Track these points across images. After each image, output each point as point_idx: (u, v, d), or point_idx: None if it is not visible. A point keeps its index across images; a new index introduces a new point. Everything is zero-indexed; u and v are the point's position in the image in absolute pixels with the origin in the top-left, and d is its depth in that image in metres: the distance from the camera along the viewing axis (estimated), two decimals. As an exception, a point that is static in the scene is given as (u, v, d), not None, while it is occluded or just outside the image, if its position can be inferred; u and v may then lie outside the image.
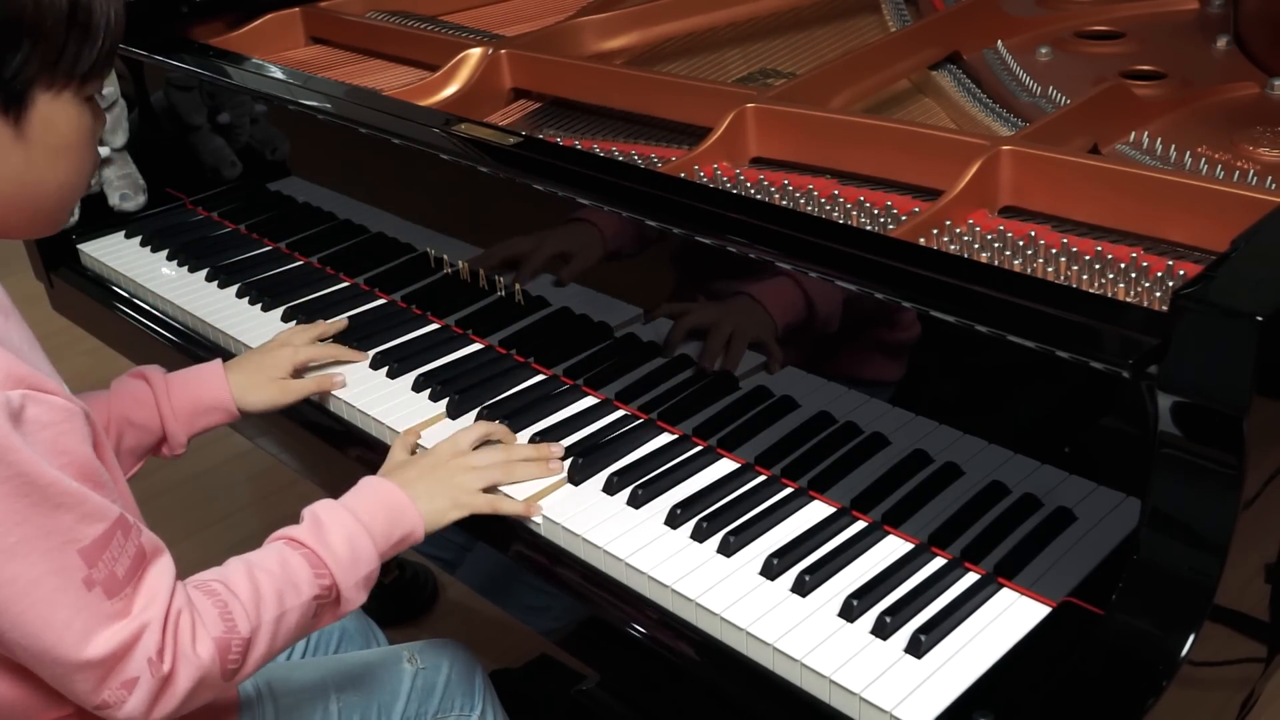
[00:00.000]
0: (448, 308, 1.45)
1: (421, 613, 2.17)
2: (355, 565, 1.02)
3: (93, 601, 0.85)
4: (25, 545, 0.83)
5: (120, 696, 0.87)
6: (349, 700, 1.18)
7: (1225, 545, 0.83)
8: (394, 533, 1.06)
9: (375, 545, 1.04)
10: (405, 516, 1.08)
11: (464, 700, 1.25)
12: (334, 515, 1.04)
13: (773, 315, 1.10)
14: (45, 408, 0.86)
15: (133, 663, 0.87)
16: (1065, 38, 1.63)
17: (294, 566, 0.99)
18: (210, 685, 0.92)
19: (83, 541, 0.85)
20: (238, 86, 1.63)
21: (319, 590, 0.99)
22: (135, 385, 1.26)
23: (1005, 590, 0.98)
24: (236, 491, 2.55)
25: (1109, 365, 0.87)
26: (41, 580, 0.84)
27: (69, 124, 0.94)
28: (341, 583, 1.01)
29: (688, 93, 1.45)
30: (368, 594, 1.04)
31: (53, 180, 0.95)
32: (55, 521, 0.84)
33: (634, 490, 1.12)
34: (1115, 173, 1.13)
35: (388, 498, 1.08)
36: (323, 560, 1.00)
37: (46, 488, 0.83)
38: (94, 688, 0.86)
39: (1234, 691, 0.94)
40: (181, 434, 1.27)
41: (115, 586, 0.87)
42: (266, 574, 0.97)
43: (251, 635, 0.94)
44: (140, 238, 1.78)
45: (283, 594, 0.96)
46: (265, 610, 0.95)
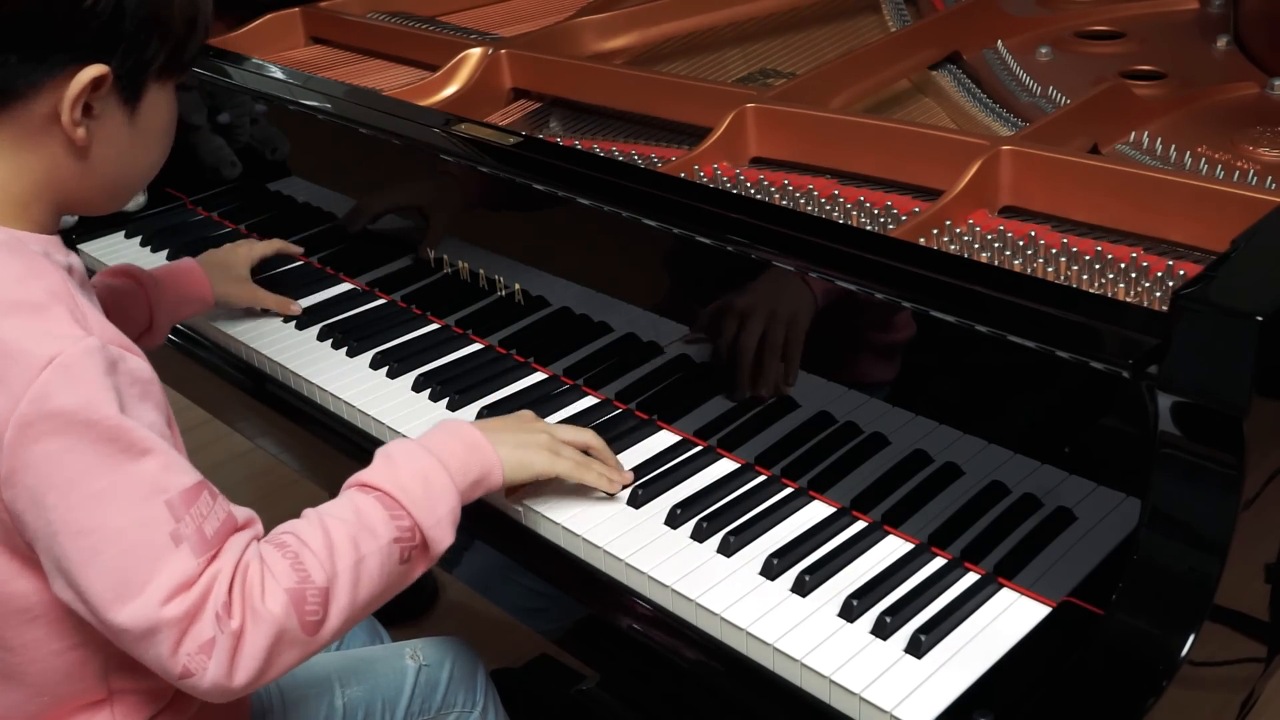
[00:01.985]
0: (448, 308, 1.45)
1: (422, 613, 2.17)
2: (432, 503, 0.98)
3: (180, 558, 0.84)
4: (112, 491, 0.83)
5: (200, 663, 0.84)
6: (354, 695, 1.19)
7: (1225, 545, 0.83)
8: (471, 470, 1.02)
9: (453, 480, 1.00)
10: (484, 455, 1.04)
11: (466, 697, 1.25)
12: (407, 453, 1.01)
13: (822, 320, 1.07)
14: (136, 366, 0.88)
15: (204, 621, 0.84)
16: (1065, 38, 1.63)
17: (367, 511, 0.95)
18: (293, 641, 0.88)
19: (169, 493, 0.85)
20: (238, 86, 1.63)
21: (397, 532, 0.95)
22: (125, 283, 1.34)
23: (1005, 590, 0.98)
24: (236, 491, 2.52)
25: (1109, 365, 0.87)
26: (126, 531, 0.83)
27: (169, 110, 0.99)
28: (422, 522, 0.97)
29: (688, 93, 1.45)
30: (454, 533, 0.99)
31: (146, 161, 1.00)
32: (142, 468, 0.84)
33: (634, 490, 1.12)
34: (1115, 173, 1.13)
35: (465, 436, 1.04)
36: (397, 500, 0.97)
37: (130, 433, 0.84)
38: (172, 650, 0.84)
39: (1234, 691, 0.94)
40: (166, 324, 1.37)
41: (203, 545, 0.85)
42: (339, 521, 0.94)
43: (328, 584, 0.90)
44: (140, 238, 1.78)
45: (358, 540, 0.93)
46: (340, 557, 0.91)
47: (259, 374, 1.42)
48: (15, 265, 0.88)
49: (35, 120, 0.90)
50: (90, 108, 0.91)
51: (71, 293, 0.88)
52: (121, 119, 0.94)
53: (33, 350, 0.83)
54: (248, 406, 1.47)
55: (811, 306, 1.07)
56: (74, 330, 0.85)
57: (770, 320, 1.11)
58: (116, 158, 0.96)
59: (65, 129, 0.90)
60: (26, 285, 0.87)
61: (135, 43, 0.91)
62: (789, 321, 1.09)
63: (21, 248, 0.90)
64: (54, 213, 0.96)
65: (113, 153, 0.95)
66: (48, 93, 0.89)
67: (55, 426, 0.82)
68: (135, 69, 0.92)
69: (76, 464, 0.83)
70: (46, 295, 0.86)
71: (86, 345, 0.84)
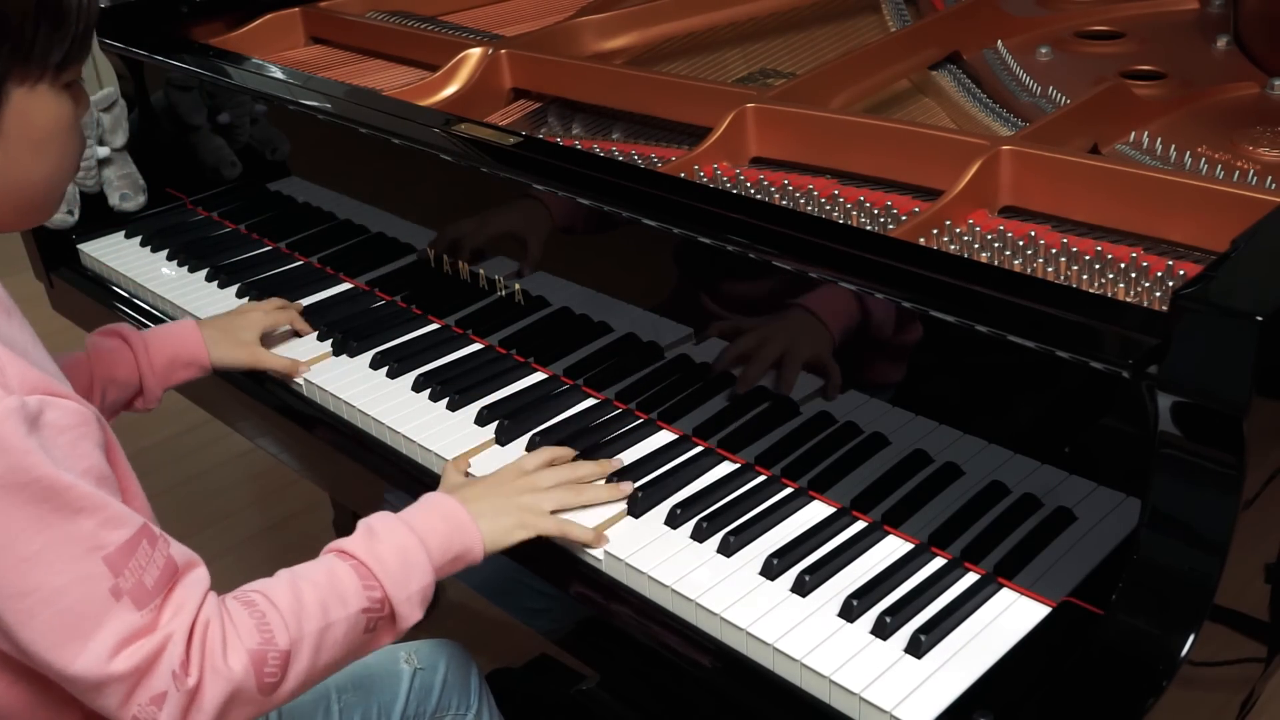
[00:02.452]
0: (448, 308, 1.45)
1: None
2: (407, 578, 0.97)
3: (121, 612, 0.83)
4: (48, 553, 0.81)
5: (150, 713, 0.83)
6: (350, 701, 1.19)
7: (1225, 545, 0.83)
8: (451, 548, 1.01)
9: (430, 559, 0.99)
10: (463, 532, 1.03)
11: (460, 699, 1.25)
12: (387, 526, 1.00)
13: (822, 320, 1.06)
14: (61, 412, 0.84)
15: (158, 677, 0.83)
16: (1065, 38, 1.63)
17: (341, 577, 0.94)
18: (247, 700, 0.88)
19: (107, 548, 0.83)
20: (238, 86, 1.63)
21: (368, 603, 0.94)
22: (113, 343, 1.29)
23: (1005, 590, 0.98)
24: (236, 491, 2.55)
25: (1109, 365, 0.87)
26: (66, 590, 0.81)
27: (47, 116, 0.91)
28: (393, 596, 0.96)
29: (688, 93, 1.45)
30: (424, 610, 0.99)
31: (38, 173, 0.92)
32: (77, 527, 0.82)
33: (634, 491, 1.12)
34: (1115, 173, 1.13)
35: (446, 511, 1.03)
36: (372, 572, 0.96)
37: (65, 492, 0.81)
38: (121, 702, 0.83)
39: (1234, 691, 0.94)
40: (158, 389, 1.31)
41: (144, 597, 0.84)
42: (311, 584, 0.93)
43: (291, 648, 0.89)
44: (140, 238, 1.78)
45: (327, 605, 0.92)
46: (307, 622, 0.90)
47: (259, 374, 1.42)
48: None
49: None
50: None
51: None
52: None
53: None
54: (248, 406, 1.47)
55: (811, 307, 1.07)
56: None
57: (770, 320, 1.11)
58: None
59: None
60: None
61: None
62: (788, 321, 1.09)
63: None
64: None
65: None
66: None
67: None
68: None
69: (8, 528, 0.80)
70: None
71: (4, 407, 0.80)
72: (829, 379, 1.08)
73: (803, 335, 1.08)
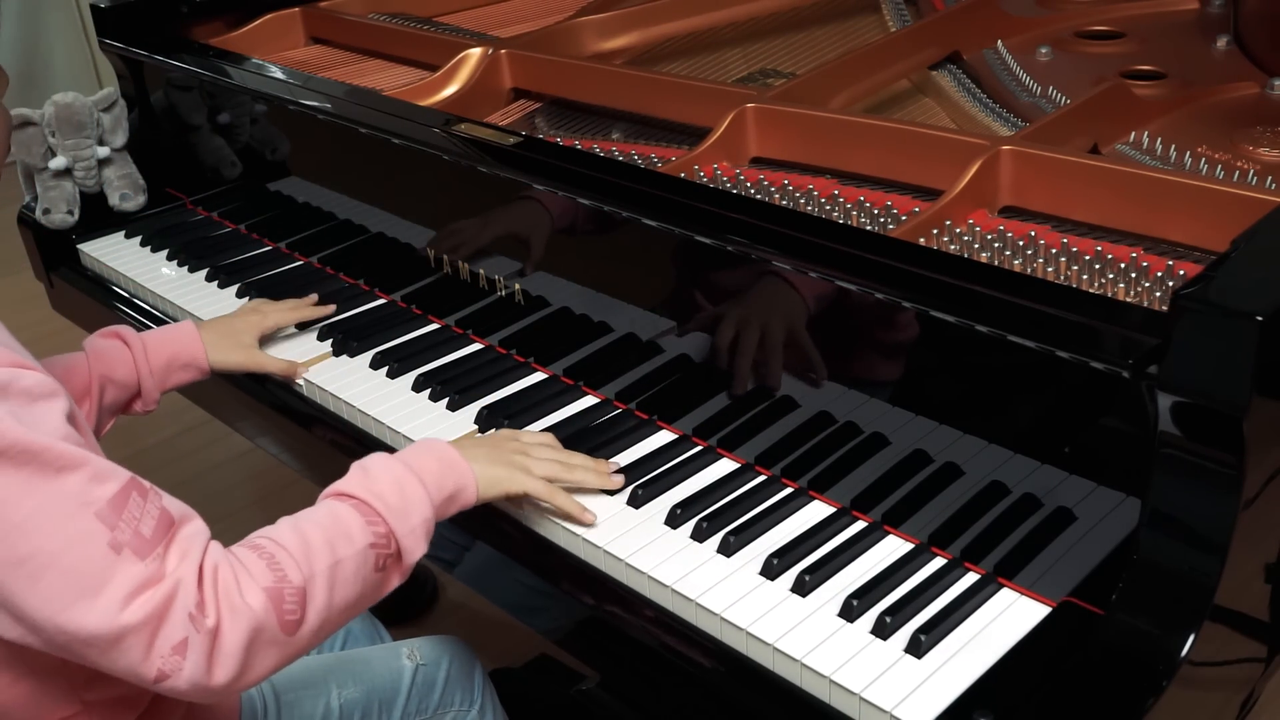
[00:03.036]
0: (448, 308, 1.45)
1: (422, 612, 2.17)
2: (407, 511, 0.97)
3: (124, 565, 0.82)
4: (39, 515, 0.80)
5: (175, 664, 0.82)
6: (350, 695, 1.19)
7: (1225, 545, 0.83)
8: (445, 485, 1.02)
9: (427, 493, 0.99)
10: (458, 471, 1.04)
11: (463, 696, 1.25)
12: (382, 464, 1.01)
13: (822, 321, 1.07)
14: (32, 381, 0.84)
15: (174, 622, 0.82)
16: (1065, 38, 1.63)
17: (344, 516, 0.95)
18: (271, 640, 0.87)
19: (97, 504, 0.82)
20: (238, 86, 1.63)
21: (373, 538, 0.95)
22: (112, 345, 1.29)
23: (1005, 590, 0.98)
24: (236, 491, 2.55)
25: (1109, 365, 0.87)
26: (64, 551, 0.80)
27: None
28: (397, 529, 0.96)
29: (688, 93, 1.45)
30: (428, 544, 0.99)
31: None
32: (64, 485, 0.81)
33: (634, 490, 1.12)
34: (1115, 173, 1.13)
35: (440, 452, 1.04)
36: (373, 508, 0.96)
37: (44, 452, 0.81)
38: (143, 656, 0.82)
39: (1234, 691, 0.94)
40: (155, 390, 1.31)
41: (144, 547, 0.83)
42: (315, 525, 0.93)
43: (305, 584, 0.89)
44: (140, 238, 1.78)
45: (334, 543, 0.92)
46: (317, 559, 0.91)
47: (259, 375, 1.42)
48: None
49: None
50: None
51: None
52: None
53: None
54: (248, 406, 1.47)
55: (811, 307, 1.07)
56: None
57: (770, 320, 1.11)
58: None
59: None
60: None
61: None
62: (789, 321, 1.09)
63: None
64: None
65: None
66: None
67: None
68: None
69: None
70: None
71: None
72: (828, 374, 1.08)
73: (799, 330, 1.08)
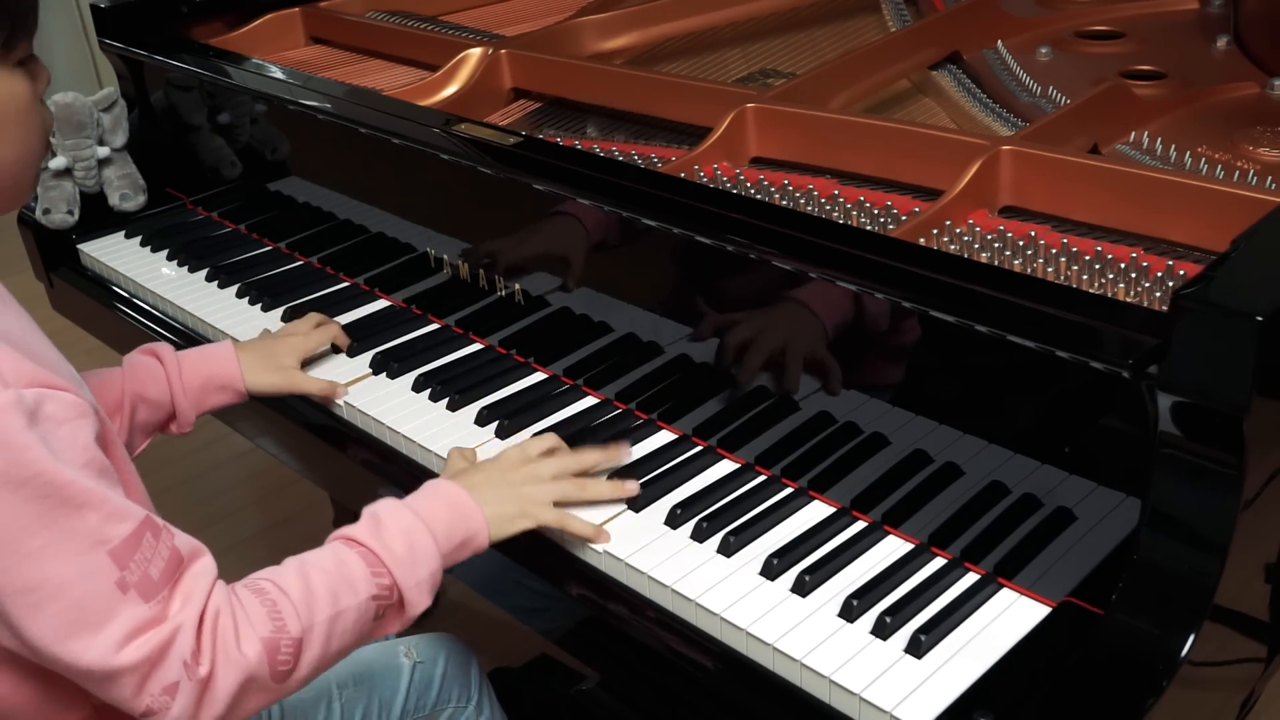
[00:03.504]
0: (448, 308, 1.45)
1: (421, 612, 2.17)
2: (415, 564, 0.97)
3: (128, 605, 0.83)
4: (52, 548, 0.81)
5: (164, 703, 0.84)
6: (351, 696, 1.19)
7: (1225, 545, 0.83)
8: (456, 534, 1.01)
9: (437, 545, 0.99)
10: (469, 518, 1.02)
11: (461, 692, 1.25)
12: (393, 513, 0.99)
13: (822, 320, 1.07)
14: (59, 404, 0.84)
15: (169, 667, 0.84)
16: (1065, 38, 1.63)
17: (350, 565, 0.94)
18: (261, 687, 0.88)
19: (112, 542, 0.82)
20: (238, 86, 1.63)
21: (377, 590, 0.94)
22: (148, 362, 1.26)
23: (1005, 590, 0.98)
24: (236, 491, 2.55)
25: (1109, 365, 0.87)
26: (71, 584, 0.81)
27: (3, 97, 0.89)
28: (402, 582, 0.96)
29: (688, 93, 1.45)
30: (432, 597, 0.99)
31: (5, 156, 0.91)
32: (80, 522, 0.81)
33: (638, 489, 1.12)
34: (1115, 173, 1.13)
35: (451, 498, 1.03)
36: (380, 559, 0.96)
37: (66, 488, 0.81)
38: (134, 693, 0.83)
39: (1234, 691, 0.94)
40: (191, 412, 1.27)
41: (151, 589, 0.84)
42: (320, 572, 0.93)
43: (303, 635, 0.89)
44: (140, 238, 1.78)
45: (337, 593, 0.92)
46: (318, 609, 0.91)
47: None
48: None
49: None
50: None
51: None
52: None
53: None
54: (248, 406, 1.47)
55: (811, 307, 1.07)
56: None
57: (770, 320, 1.11)
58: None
59: None
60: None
61: None
62: (788, 321, 1.09)
63: None
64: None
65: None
66: None
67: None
68: None
69: (10, 524, 0.80)
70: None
71: (2, 403, 0.80)
72: (828, 374, 1.08)
73: (799, 330, 1.08)
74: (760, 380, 1.13)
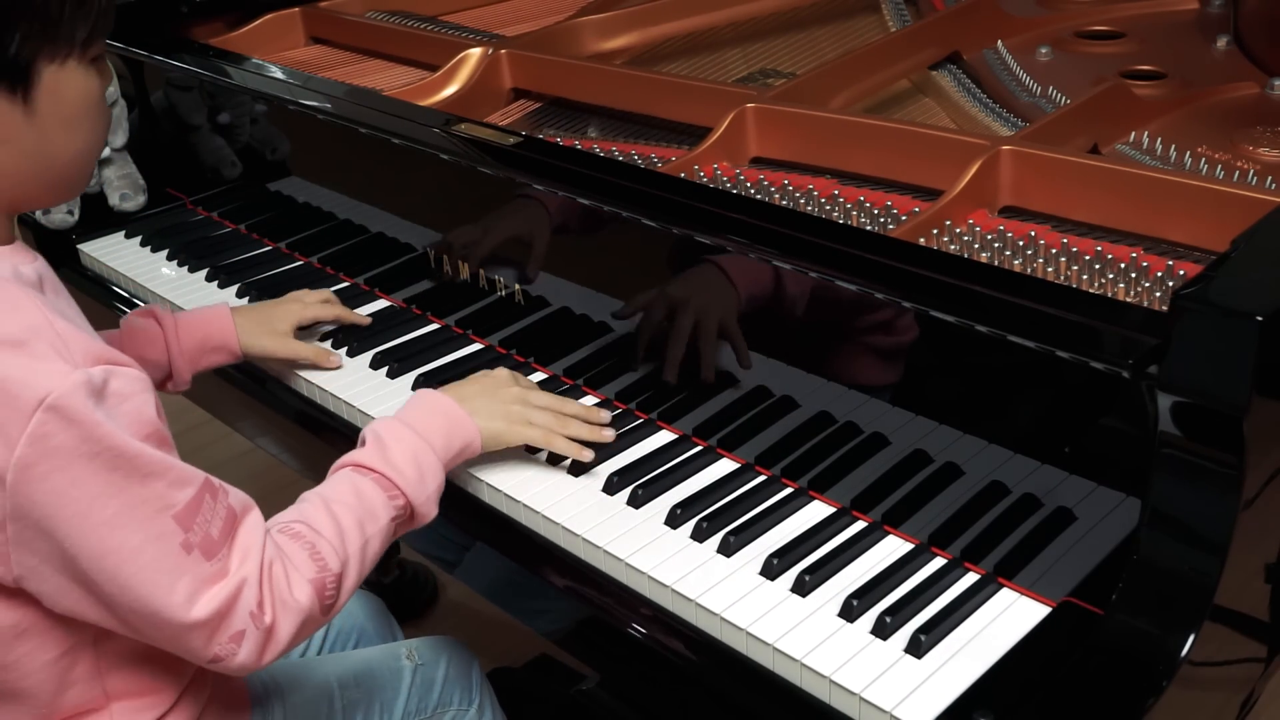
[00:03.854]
0: (448, 308, 1.45)
1: (422, 612, 2.17)
2: (423, 481, 1.04)
3: (193, 565, 0.87)
4: (124, 515, 0.85)
5: (230, 650, 0.89)
6: (352, 697, 1.19)
7: (1225, 545, 0.83)
8: (453, 443, 1.09)
9: (438, 457, 1.07)
10: (463, 426, 1.10)
11: (462, 695, 1.25)
12: (395, 434, 1.06)
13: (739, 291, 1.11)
14: (124, 380, 0.88)
15: (237, 618, 0.89)
16: (1065, 38, 1.63)
17: (368, 494, 1.01)
18: (311, 622, 0.94)
19: (176, 507, 0.87)
20: (238, 86, 1.63)
21: (395, 511, 1.02)
22: (146, 324, 1.31)
23: (1005, 590, 0.98)
24: (236, 491, 2.55)
25: (1109, 365, 0.87)
26: (143, 548, 0.86)
27: (77, 92, 0.93)
28: (415, 500, 1.04)
29: (688, 93, 1.45)
30: (438, 506, 1.06)
31: (70, 149, 0.94)
32: (148, 490, 0.86)
33: (634, 490, 1.12)
34: (1115, 173, 1.13)
35: (444, 408, 1.11)
36: (393, 482, 1.03)
37: (135, 458, 0.85)
38: (205, 644, 0.89)
39: (1234, 691, 0.94)
40: (186, 371, 1.32)
41: (213, 548, 0.89)
42: (344, 506, 0.99)
43: (342, 569, 0.96)
44: (140, 238, 1.78)
45: (363, 523, 0.99)
46: (350, 542, 0.97)
47: (259, 374, 1.42)
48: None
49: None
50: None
51: (49, 319, 0.86)
52: (15, 111, 0.89)
53: (20, 394, 0.82)
54: (248, 406, 1.47)
55: (811, 306, 1.07)
56: (57, 366, 0.84)
57: (770, 320, 1.11)
58: (29, 152, 0.92)
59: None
60: (4, 326, 0.84)
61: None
62: (788, 321, 1.09)
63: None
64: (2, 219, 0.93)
65: (21, 147, 0.91)
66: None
67: (58, 464, 0.83)
68: (8, 56, 0.87)
69: (84, 495, 0.84)
70: (24, 330, 0.85)
71: (72, 381, 0.83)
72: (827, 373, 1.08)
73: (798, 329, 1.08)
74: (760, 380, 1.13)
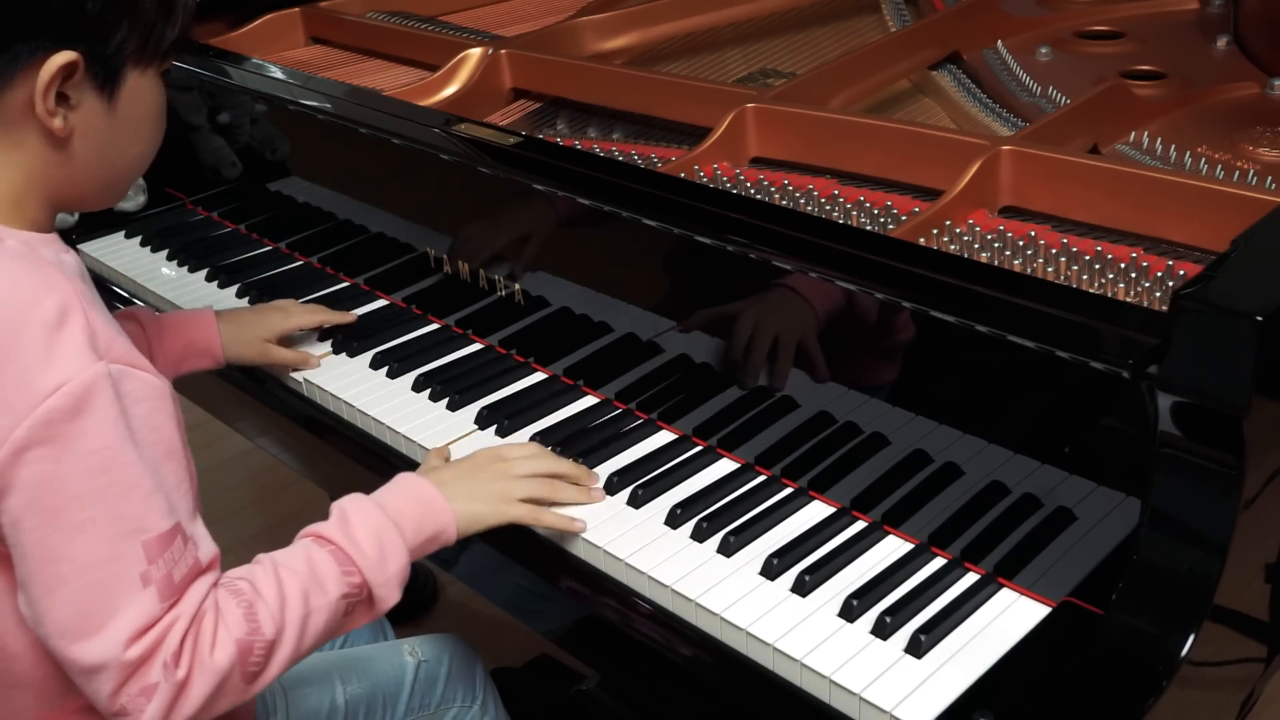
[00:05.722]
0: (448, 308, 1.45)
1: (422, 612, 2.17)
2: (384, 562, 0.98)
3: (144, 600, 0.85)
4: (94, 525, 0.83)
5: (139, 704, 0.85)
6: (355, 692, 1.19)
7: (1225, 545, 0.83)
8: (424, 529, 1.03)
9: (405, 541, 1.00)
10: (437, 513, 1.04)
11: (465, 693, 1.25)
12: (362, 511, 1.01)
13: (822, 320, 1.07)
14: (138, 384, 0.88)
15: (152, 667, 0.85)
16: (1065, 38, 1.63)
17: (320, 565, 0.96)
18: (231, 690, 0.89)
19: (148, 533, 0.85)
20: (238, 86, 1.63)
21: (347, 589, 0.96)
22: (128, 327, 1.27)
23: (1005, 590, 0.98)
24: (236, 492, 2.55)
25: (1109, 365, 0.87)
26: (101, 564, 0.83)
27: (151, 98, 0.97)
28: (372, 580, 0.98)
29: (688, 93, 1.45)
30: (401, 592, 1.00)
31: (132, 151, 0.98)
32: (127, 506, 0.84)
33: (634, 490, 1.12)
34: (1115, 173, 1.13)
35: (419, 493, 1.05)
36: (350, 557, 0.97)
37: (125, 467, 0.84)
38: (114, 690, 0.84)
39: (1234, 691, 0.94)
40: (168, 374, 1.28)
41: (169, 591, 0.86)
42: (292, 574, 0.94)
43: (276, 637, 0.91)
44: (140, 238, 1.78)
45: (309, 594, 0.94)
46: (290, 611, 0.92)
47: (259, 374, 1.42)
48: (31, 280, 0.87)
49: (13, 114, 0.90)
50: (66, 97, 0.90)
51: (84, 308, 0.87)
52: (100, 108, 0.93)
53: (41, 374, 0.83)
54: (248, 406, 1.47)
55: (811, 307, 1.07)
56: (85, 355, 0.84)
57: (770, 320, 1.11)
58: (101, 148, 0.95)
59: (42, 120, 0.89)
60: (42, 303, 0.85)
61: (102, 26, 0.90)
62: (789, 321, 1.09)
63: (35, 256, 0.90)
64: (49, 210, 0.95)
65: (96, 143, 0.94)
66: (20, 85, 0.88)
67: (52, 453, 0.82)
68: (107, 55, 0.91)
69: (64, 492, 0.83)
70: (60, 315, 0.86)
71: (94, 372, 0.84)
72: (827, 372, 1.08)
73: (799, 329, 1.08)
74: (760, 380, 1.13)
